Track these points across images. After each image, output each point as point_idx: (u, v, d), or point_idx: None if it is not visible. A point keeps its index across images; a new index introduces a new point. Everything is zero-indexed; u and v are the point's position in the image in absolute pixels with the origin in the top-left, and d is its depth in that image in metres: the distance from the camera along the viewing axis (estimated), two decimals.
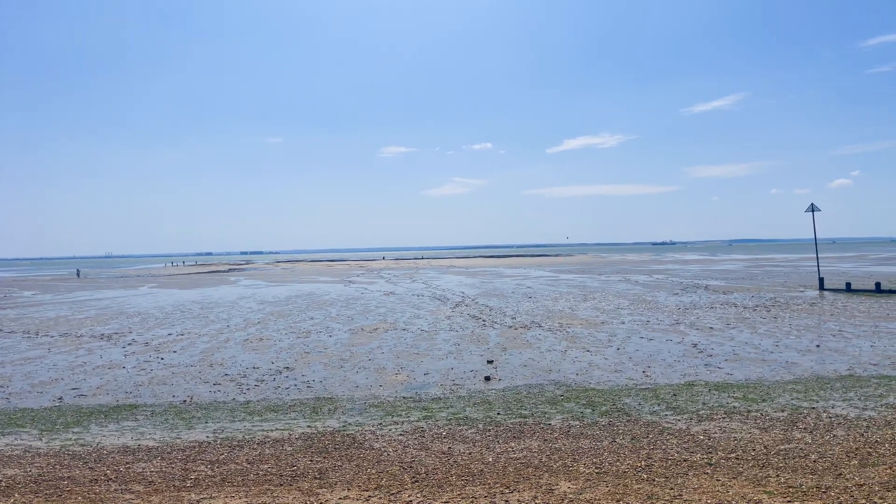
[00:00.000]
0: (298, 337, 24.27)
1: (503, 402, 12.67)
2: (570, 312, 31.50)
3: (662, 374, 15.64)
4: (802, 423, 10.11)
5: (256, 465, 8.07)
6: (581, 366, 17.11)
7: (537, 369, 16.72)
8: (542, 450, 8.63)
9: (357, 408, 12.46)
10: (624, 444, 8.87)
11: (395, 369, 17.11)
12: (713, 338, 21.73)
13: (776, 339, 21.16)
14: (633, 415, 11.14)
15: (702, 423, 10.32)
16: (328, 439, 9.57)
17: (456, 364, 17.76)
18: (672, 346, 20.31)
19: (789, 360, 17.35)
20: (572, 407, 12.02)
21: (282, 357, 19.56)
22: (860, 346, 19.38)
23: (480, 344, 21.46)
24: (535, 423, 10.57)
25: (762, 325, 24.85)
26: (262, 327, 27.76)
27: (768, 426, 9.90)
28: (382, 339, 23.04)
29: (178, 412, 12.30)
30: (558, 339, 22.37)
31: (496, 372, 16.47)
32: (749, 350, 19.06)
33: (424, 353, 19.64)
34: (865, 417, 10.47)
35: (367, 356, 19.38)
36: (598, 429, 9.99)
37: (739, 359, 17.66)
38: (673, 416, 11.02)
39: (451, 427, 10.34)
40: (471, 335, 23.69)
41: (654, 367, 16.77)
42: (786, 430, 9.55)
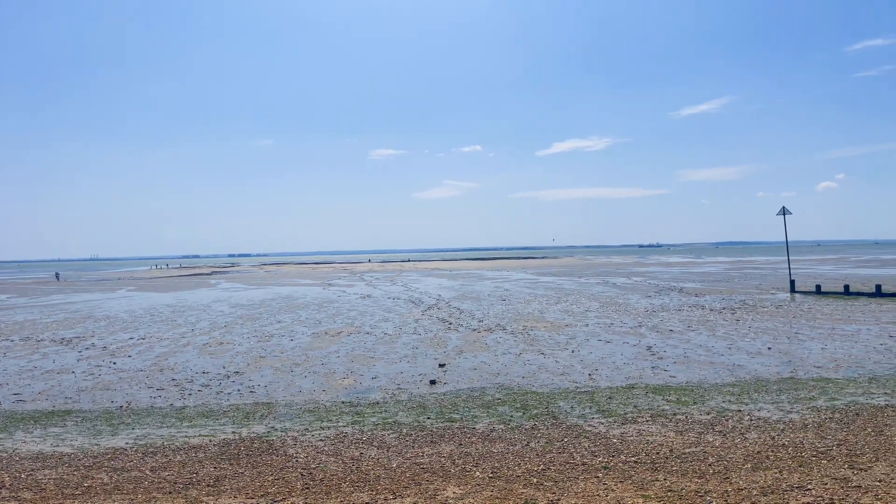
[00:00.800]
0: (259, 341, 24.18)
1: (439, 406, 12.69)
2: (538, 315, 31.59)
3: (607, 377, 15.72)
4: (721, 425, 10.19)
5: (158, 472, 8.04)
6: (531, 369, 17.16)
7: (486, 373, 16.75)
8: (451, 454, 8.66)
9: (291, 413, 12.43)
10: (535, 448, 8.91)
11: (345, 373, 17.09)
12: (670, 340, 21.87)
13: (731, 341, 21.33)
14: (560, 418, 11.19)
15: (624, 426, 10.38)
16: (245, 446, 9.54)
17: (408, 368, 17.76)
18: (627, 348, 20.42)
19: (737, 362, 17.49)
20: (505, 410, 12.06)
21: (235, 361, 19.48)
22: (811, 348, 19.57)
23: (439, 347, 21.47)
24: (460, 427, 10.59)
25: (722, 327, 25.03)
26: (227, 331, 27.63)
27: (686, 429, 9.98)
28: (343, 343, 23.00)
29: (110, 418, 12.22)
30: (518, 341, 22.42)
31: (444, 376, 16.49)
32: (701, 353, 19.20)
33: (380, 357, 19.63)
34: (786, 420, 10.57)
35: (322, 360, 19.34)
36: (519, 432, 10.03)
37: (688, 361, 17.79)
38: (600, 419, 11.08)
39: (374, 432, 10.35)
40: (432, 339, 23.70)
41: (602, 369, 16.85)
42: (701, 433, 9.63)
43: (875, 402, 11.97)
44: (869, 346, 19.47)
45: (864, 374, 15.19)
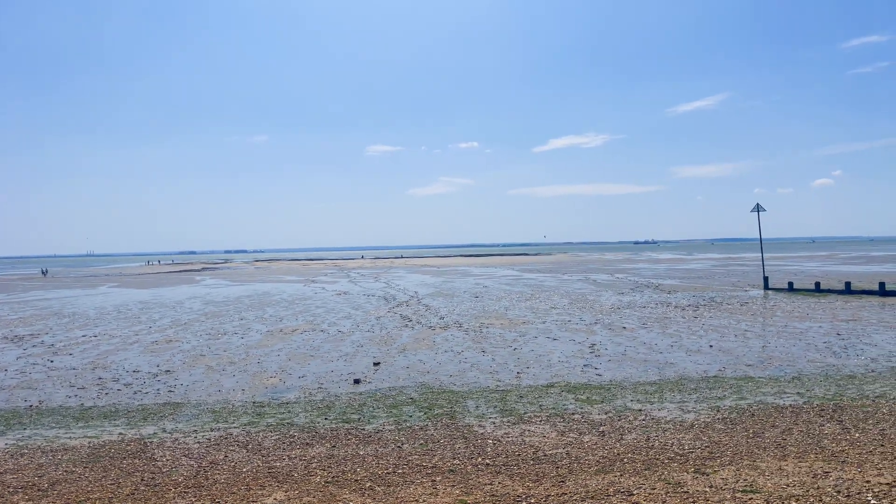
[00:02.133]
0: (210, 339, 24.05)
1: (345, 406, 12.57)
2: (502, 312, 31.48)
3: (534, 376, 15.60)
4: (609, 426, 10.08)
5: (7, 475, 7.93)
6: (463, 367, 17.04)
7: (417, 371, 16.63)
8: (317, 457, 8.54)
9: (193, 414, 12.31)
10: (405, 450, 8.79)
11: (276, 372, 16.96)
12: (617, 338, 21.75)
13: (678, 339, 21.22)
14: (457, 418, 11.08)
15: (513, 427, 10.27)
16: (117, 448, 9.43)
17: (341, 367, 17.64)
18: (571, 346, 20.31)
19: (671, 360, 17.38)
20: (408, 410, 11.94)
21: (173, 360, 19.35)
22: (753, 345, 19.46)
23: (385, 345, 21.35)
24: (349, 428, 10.47)
25: (677, 325, 24.92)
26: (184, 329, 27.50)
27: (571, 429, 9.87)
28: (291, 341, 22.88)
29: (8, 419, 12.11)
30: (466, 339, 22.30)
31: (373, 375, 16.37)
32: (641, 350, 19.08)
33: (320, 356, 19.50)
34: (677, 420, 10.46)
35: (260, 359, 19.21)
36: (403, 434, 9.91)
37: (623, 359, 17.67)
38: (496, 419, 10.96)
39: (259, 434, 10.22)
40: (383, 337, 23.58)
41: (533, 368, 16.74)
42: (581, 434, 9.52)
43: (782, 402, 11.86)
44: (811, 344, 19.36)
45: (790, 373, 15.08)
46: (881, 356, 16.97)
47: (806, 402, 11.59)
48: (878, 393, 12.26)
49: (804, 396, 12.25)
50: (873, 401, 11.54)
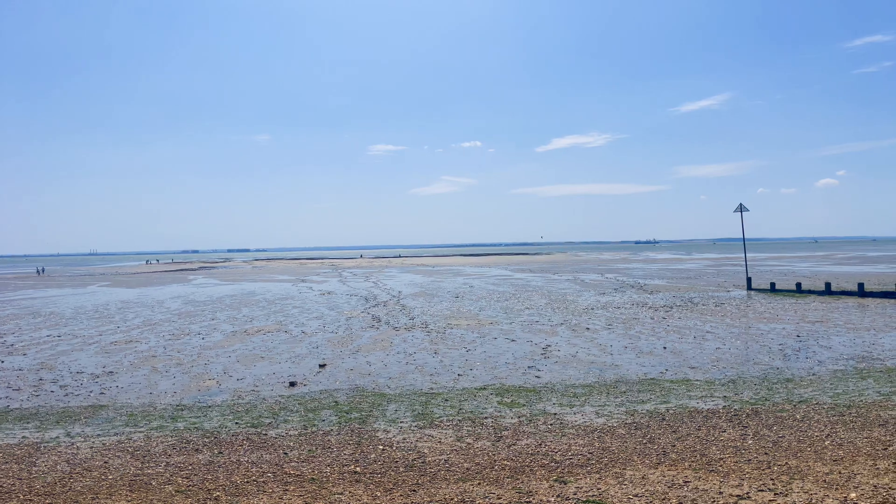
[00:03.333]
0: (171, 339, 23.97)
1: (264, 410, 12.43)
2: (475, 313, 31.31)
3: (472, 378, 15.43)
4: (513, 430, 9.91)
5: None
6: (407, 369, 16.89)
7: (359, 374, 16.47)
8: (194, 464, 8.41)
9: (108, 417, 12.19)
10: (289, 456, 8.65)
11: (217, 375, 16.84)
12: (576, 339, 21.56)
13: (636, 340, 21.01)
14: (368, 423, 10.93)
15: (418, 432, 10.11)
16: (4, 453, 9.31)
17: (286, 368, 17.50)
18: (526, 347, 20.12)
19: (618, 362, 17.19)
20: (324, 415, 11.79)
21: (123, 361, 19.26)
22: (707, 347, 19.24)
23: (341, 347, 21.21)
24: (252, 433, 10.33)
25: (642, 326, 24.70)
26: (150, 329, 27.43)
27: (472, 434, 9.71)
28: (250, 342, 22.76)
29: None
30: (425, 341, 22.14)
31: (314, 377, 16.22)
32: (594, 352, 18.88)
33: (271, 357, 19.38)
34: (586, 424, 10.28)
35: (210, 360, 19.10)
36: (301, 439, 9.76)
37: (572, 361, 17.48)
38: (407, 423, 10.80)
39: (157, 439, 10.07)
40: (344, 338, 23.44)
41: (476, 370, 16.57)
42: (478, 440, 9.36)
43: (703, 406, 11.66)
44: (766, 346, 19.14)
45: (730, 376, 14.87)
46: (829, 359, 16.74)
47: (725, 407, 11.39)
48: (803, 397, 12.05)
49: (729, 400, 12.05)
50: (794, 405, 11.34)
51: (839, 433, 9.07)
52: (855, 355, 17.19)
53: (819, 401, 11.68)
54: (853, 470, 7.19)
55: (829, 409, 10.86)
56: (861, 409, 10.67)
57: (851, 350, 18.04)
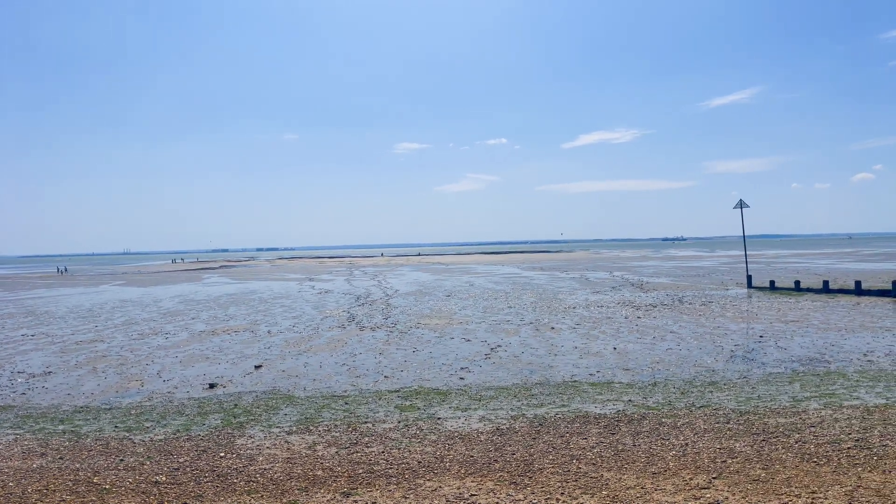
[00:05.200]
0: (136, 339, 24.17)
1: (157, 413, 12.31)
2: (454, 311, 30.97)
3: (395, 381, 15.11)
4: (379, 437, 9.59)
5: None
6: (338, 371, 16.65)
7: (289, 375, 16.29)
8: (21, 469, 8.33)
9: (6, 418, 12.23)
10: (108, 465, 8.49)
11: (149, 375, 16.81)
12: (532, 339, 21.07)
13: (592, 341, 20.41)
14: (245, 428, 10.73)
15: (286, 437, 9.86)
16: None
17: (221, 370, 17.39)
18: (476, 347, 19.72)
19: (556, 364, 16.68)
20: (210, 419, 11.60)
21: (71, 360, 19.42)
22: (659, 348, 18.60)
23: (294, 347, 21.09)
24: (122, 438, 10.19)
25: (611, 325, 24.07)
26: (124, 328, 27.73)
27: (332, 441, 9.43)
28: (208, 343, 22.79)
29: None
30: (381, 341, 21.88)
31: (241, 378, 16.10)
32: (539, 353, 18.38)
33: (213, 358, 19.34)
34: (456, 430, 9.89)
35: (154, 361, 19.13)
36: (152, 446, 9.57)
37: (511, 362, 17.03)
38: (284, 428, 10.54)
39: (17, 442, 10.00)
40: (303, 337, 23.33)
41: (408, 371, 16.25)
42: (330, 446, 9.06)
43: (600, 410, 11.16)
44: (720, 347, 18.41)
45: (658, 378, 14.26)
46: (774, 362, 15.99)
47: (618, 412, 10.88)
48: (709, 402, 11.43)
49: (630, 405, 11.51)
50: (691, 411, 10.77)
51: (702, 442, 8.54)
52: (805, 357, 16.40)
53: (722, 406, 11.07)
54: (658, 484, 6.72)
55: (722, 416, 10.27)
56: (754, 417, 10.07)
57: (805, 352, 17.23)
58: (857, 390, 12.11)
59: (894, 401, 10.97)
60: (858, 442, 8.18)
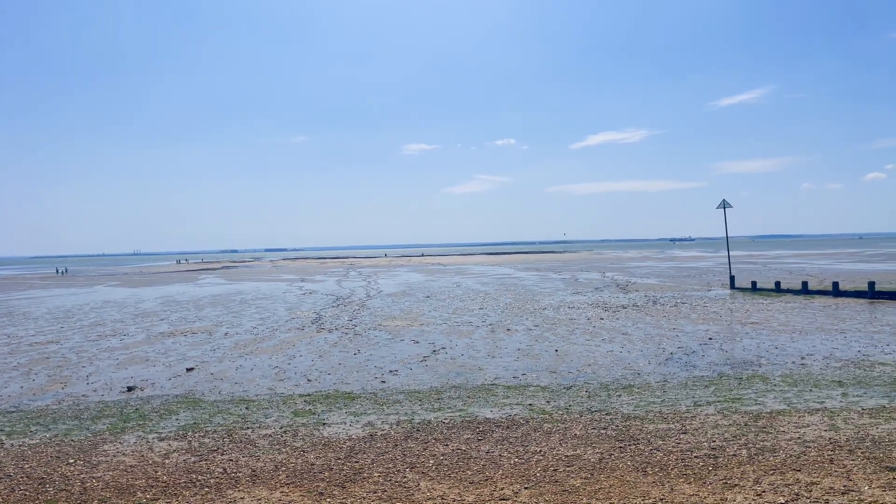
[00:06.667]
0: (92, 340, 24.11)
1: (51, 417, 12.17)
2: (423, 313, 30.73)
3: (315, 385, 14.86)
4: (241, 444, 9.39)
5: None
6: (268, 374, 16.47)
7: (215, 378, 16.09)
8: None
9: None
10: None
11: (79, 377, 16.70)
12: (481, 342, 20.77)
13: (538, 343, 20.09)
14: (127, 432, 10.56)
15: (156, 443, 9.67)
16: None
17: (154, 372, 17.26)
18: (420, 349, 19.47)
19: (487, 366, 16.38)
20: (102, 423, 11.46)
21: (13, 361, 19.37)
22: (601, 350, 18.26)
23: (240, 349, 20.93)
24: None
25: (568, 327, 23.73)
26: (90, 329, 27.72)
27: (192, 447, 9.23)
28: (160, 345, 22.69)
29: None
30: (330, 343, 21.67)
31: (165, 381, 15.97)
32: (477, 356, 18.08)
33: (153, 360, 19.24)
34: (331, 436, 9.66)
35: (94, 362, 19.04)
36: (16, 451, 9.45)
37: (445, 365, 16.74)
38: (165, 433, 10.35)
39: None
40: (255, 340, 23.16)
41: (333, 375, 15.99)
42: (184, 454, 8.86)
43: (494, 414, 10.87)
44: (663, 349, 18.03)
45: (578, 382, 13.93)
46: (705, 365, 15.60)
47: (508, 417, 10.57)
48: (603, 408, 11.09)
49: (530, 409, 11.20)
50: (580, 415, 10.45)
51: (557, 449, 8.21)
52: (740, 360, 16.01)
53: (615, 411, 10.75)
54: (463, 493, 6.44)
55: (606, 421, 9.94)
56: (637, 423, 9.70)
57: (745, 355, 16.83)
58: (766, 395, 11.75)
59: (794, 407, 10.61)
60: (713, 451, 7.86)
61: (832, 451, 7.56)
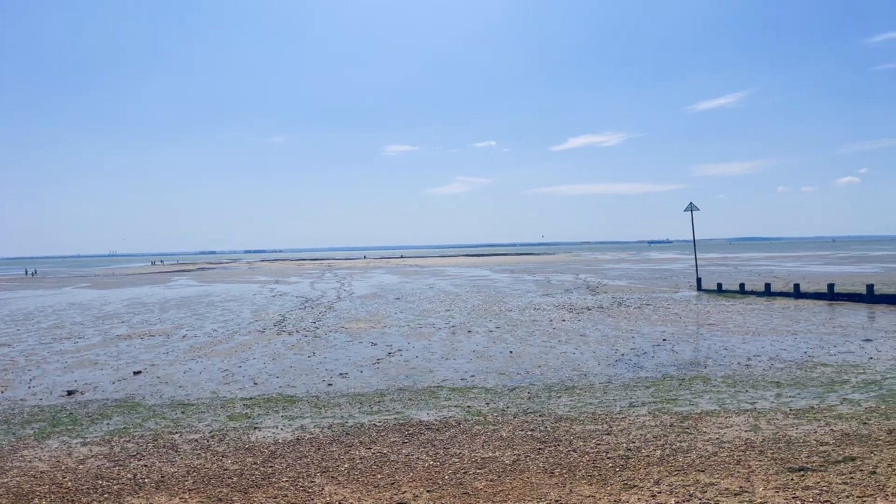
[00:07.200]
0: (44, 343, 23.65)
1: None
2: (388, 315, 30.59)
3: (261, 388, 14.67)
4: (165, 448, 9.24)
5: None
6: (216, 377, 16.26)
7: (161, 382, 15.83)
8: None
9: None
10: None
11: (22, 380, 16.34)
12: (439, 344, 20.71)
13: (495, 344, 20.08)
14: (52, 437, 10.36)
15: (82, 447, 9.51)
16: None
17: (103, 375, 16.94)
18: (374, 352, 19.34)
19: (439, 369, 16.32)
20: (35, 427, 11.25)
21: None
22: (555, 352, 18.26)
23: (194, 352, 20.66)
24: None
25: (528, 329, 23.75)
26: (44, 333, 27.19)
27: (113, 451, 9.07)
28: (114, 347, 22.32)
29: None
30: (289, 345, 21.48)
31: (109, 385, 15.68)
32: (431, 358, 17.99)
33: (102, 363, 18.91)
34: (255, 440, 9.54)
35: (41, 365, 18.68)
36: None
37: (398, 367, 16.66)
38: (90, 438, 10.16)
39: None
40: (211, 342, 22.87)
41: (282, 378, 15.83)
42: (103, 459, 8.70)
43: (425, 417, 10.81)
44: (616, 350, 18.11)
45: (523, 383, 13.92)
46: (654, 366, 15.69)
47: (442, 419, 10.51)
48: (537, 410, 11.10)
49: (467, 412, 11.17)
50: (514, 417, 10.44)
51: (477, 452, 8.15)
52: (688, 362, 16.13)
53: (549, 413, 10.74)
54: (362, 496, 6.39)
55: (536, 423, 9.92)
56: (566, 424, 9.73)
57: (694, 356, 16.98)
58: (703, 396, 11.84)
59: (724, 408, 10.70)
60: (629, 452, 7.87)
61: (744, 451, 7.61)
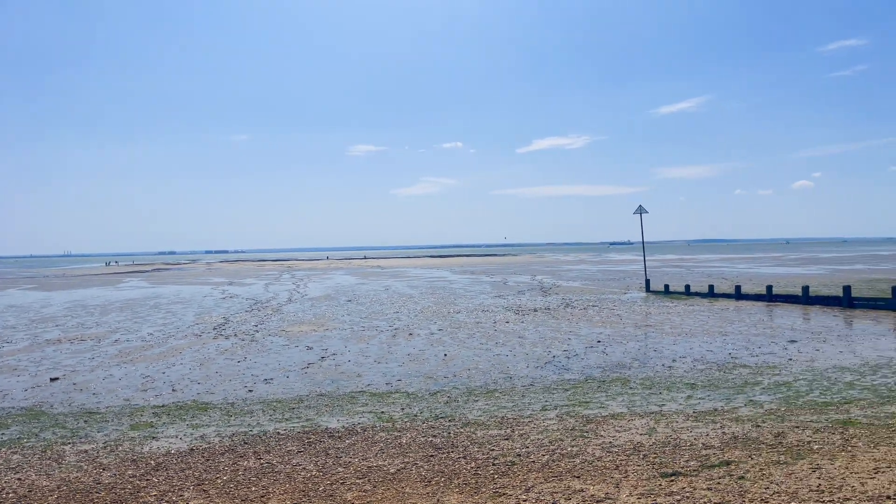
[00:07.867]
0: None
1: None
2: (335, 318, 30.21)
3: (177, 395, 14.28)
4: (51, 459, 8.87)
5: None
6: (135, 384, 15.75)
7: (78, 388, 15.27)
8: None
9: None
10: None
11: None
12: (377, 346, 20.51)
13: (433, 347, 19.97)
14: None
15: None
16: None
17: (11, 383, 16.26)
18: (308, 356, 19.04)
19: (366, 373, 16.12)
20: None
21: None
22: (488, 355, 18.21)
23: (122, 357, 20.04)
24: None
25: (470, 331, 23.71)
26: None
27: None
28: (39, 352, 21.52)
29: None
30: (224, 349, 21.01)
31: (19, 393, 15.08)
32: (365, 362, 17.80)
33: (21, 369, 18.18)
34: (149, 451, 9.23)
35: None
36: None
37: (328, 372, 16.41)
38: None
39: None
40: (142, 347, 22.22)
41: (205, 384, 15.43)
42: None
43: (335, 424, 10.63)
44: (549, 353, 18.16)
45: (447, 388, 13.83)
46: (581, 368, 15.77)
47: (350, 426, 10.33)
48: (450, 415, 11.03)
49: (379, 417, 11.03)
50: (423, 422, 10.31)
51: (368, 461, 7.98)
52: (615, 364, 16.26)
53: (460, 417, 10.65)
54: None
55: (440, 430, 9.82)
56: (469, 430, 9.65)
57: (622, 358, 17.12)
58: (616, 399, 11.91)
59: (632, 410, 10.76)
60: (517, 457, 7.81)
61: (627, 456, 7.62)
